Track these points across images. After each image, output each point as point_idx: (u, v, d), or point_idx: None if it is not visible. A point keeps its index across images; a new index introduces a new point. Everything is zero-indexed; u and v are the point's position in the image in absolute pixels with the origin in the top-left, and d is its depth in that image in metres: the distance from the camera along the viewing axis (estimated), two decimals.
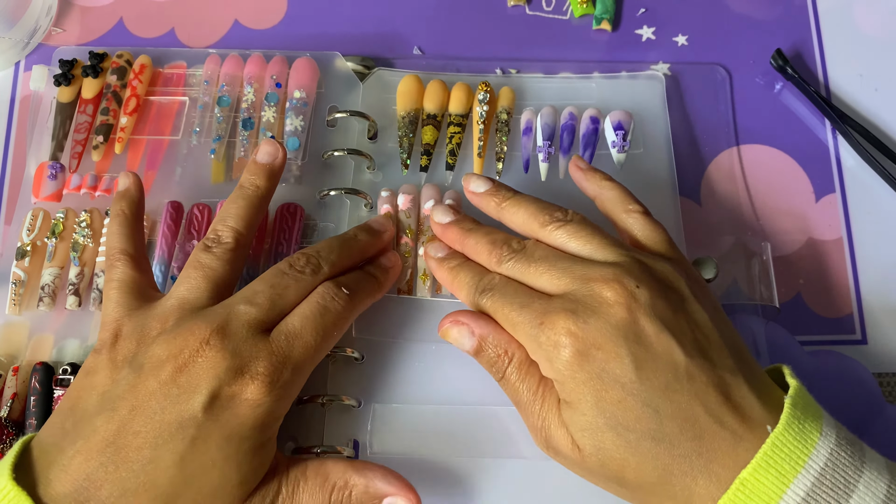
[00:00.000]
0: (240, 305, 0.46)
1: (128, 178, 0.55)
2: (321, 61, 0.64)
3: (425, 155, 0.61)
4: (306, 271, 0.49)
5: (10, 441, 0.53)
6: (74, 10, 0.69)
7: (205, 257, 0.49)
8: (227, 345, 0.44)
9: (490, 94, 0.62)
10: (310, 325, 0.47)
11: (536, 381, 0.47)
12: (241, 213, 0.51)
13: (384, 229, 0.55)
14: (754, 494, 0.40)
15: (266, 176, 0.53)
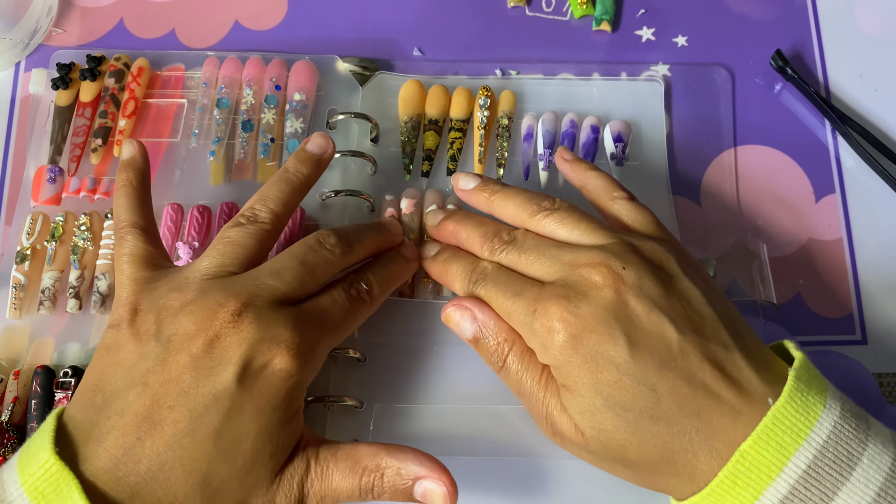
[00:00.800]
0: (268, 279, 0.46)
1: (132, 145, 0.54)
2: (320, 64, 0.64)
3: (427, 160, 0.61)
4: (336, 251, 0.49)
5: (11, 445, 0.53)
6: (75, 10, 0.69)
7: (235, 233, 0.49)
8: (256, 316, 0.44)
9: (491, 98, 0.62)
10: (338, 307, 0.48)
11: (538, 369, 0.47)
12: (282, 196, 0.51)
13: (396, 231, 0.56)
14: (754, 467, 0.40)
15: (313, 165, 0.53)
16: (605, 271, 0.45)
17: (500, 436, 0.54)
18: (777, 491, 0.40)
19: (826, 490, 0.40)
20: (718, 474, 0.41)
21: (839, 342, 0.60)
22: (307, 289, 0.47)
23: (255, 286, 0.45)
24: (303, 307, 0.46)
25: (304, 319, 0.46)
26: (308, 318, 0.46)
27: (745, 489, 0.41)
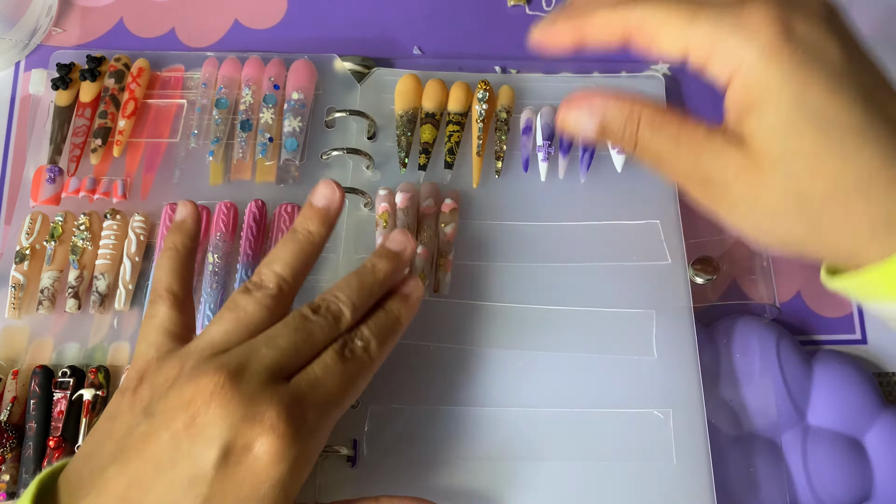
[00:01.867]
0: (261, 349, 0.43)
1: (185, 208, 0.52)
2: (319, 63, 0.64)
3: (424, 153, 0.61)
4: (328, 318, 0.45)
5: (9, 445, 0.53)
6: (75, 10, 0.69)
7: (242, 300, 0.46)
8: (241, 390, 0.40)
9: (489, 92, 0.62)
10: (332, 375, 0.43)
11: (675, 124, 0.41)
12: (289, 258, 0.47)
13: (402, 247, 0.51)
14: None
15: (321, 221, 0.49)
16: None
17: (498, 438, 0.54)
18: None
19: None
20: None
21: (839, 342, 0.60)
22: (303, 357, 0.44)
23: (246, 357, 0.42)
24: (294, 381, 0.42)
25: (295, 394, 0.41)
26: (299, 393, 0.42)
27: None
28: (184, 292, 0.49)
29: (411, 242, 0.51)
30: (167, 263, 0.50)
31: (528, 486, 0.53)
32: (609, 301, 0.57)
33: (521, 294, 0.57)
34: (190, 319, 0.49)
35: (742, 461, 0.55)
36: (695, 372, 0.55)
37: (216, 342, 0.44)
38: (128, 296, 0.57)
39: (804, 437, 0.55)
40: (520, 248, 0.59)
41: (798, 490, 0.54)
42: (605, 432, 0.54)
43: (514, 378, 0.55)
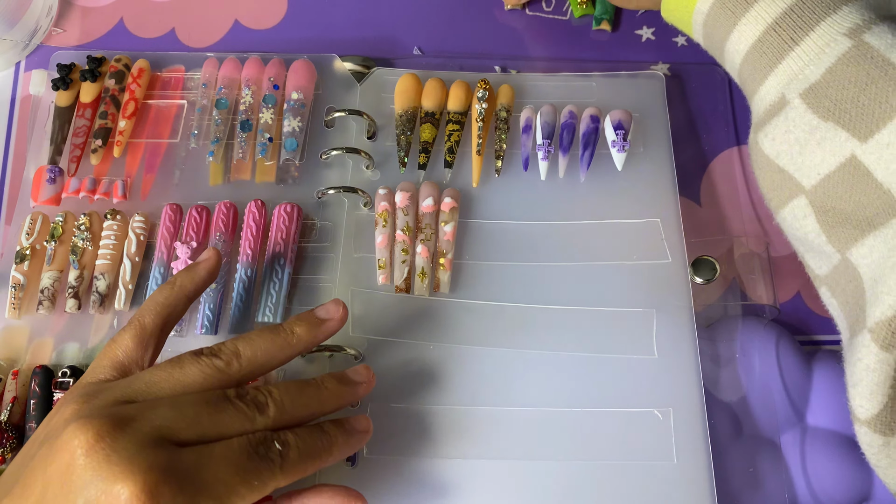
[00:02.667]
0: (162, 406, 0.40)
1: (207, 254, 0.51)
2: (319, 63, 0.64)
3: (423, 153, 0.61)
4: (249, 406, 0.42)
5: (10, 445, 0.53)
6: (75, 10, 0.70)
7: (187, 360, 0.44)
8: (118, 445, 0.38)
9: (489, 91, 0.61)
10: (230, 461, 0.40)
11: None
12: (258, 342, 0.46)
13: (361, 380, 0.49)
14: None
15: (309, 327, 0.48)
16: None
17: (498, 438, 0.54)
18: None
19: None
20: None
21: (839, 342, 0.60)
22: (202, 430, 0.40)
23: (141, 411, 0.40)
24: (183, 452, 0.39)
25: (175, 464, 0.38)
26: (180, 465, 0.38)
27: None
28: (154, 328, 0.47)
29: (371, 380, 0.49)
30: (159, 297, 0.48)
31: (529, 485, 0.53)
32: (609, 300, 0.57)
33: (521, 293, 0.57)
34: (146, 356, 0.47)
35: (742, 461, 0.55)
36: (695, 372, 0.55)
37: (137, 389, 0.42)
38: (128, 296, 0.57)
39: (803, 437, 0.55)
40: (520, 248, 0.59)
41: (797, 490, 0.54)
42: (605, 432, 0.54)
43: (514, 378, 0.55)
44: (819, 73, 0.45)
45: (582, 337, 0.56)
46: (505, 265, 0.58)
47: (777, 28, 0.48)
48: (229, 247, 0.58)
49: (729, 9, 0.50)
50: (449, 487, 0.52)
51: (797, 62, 0.47)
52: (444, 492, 0.52)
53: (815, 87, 0.45)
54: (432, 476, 0.53)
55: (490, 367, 0.55)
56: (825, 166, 0.45)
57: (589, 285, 0.57)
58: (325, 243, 0.59)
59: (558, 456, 0.53)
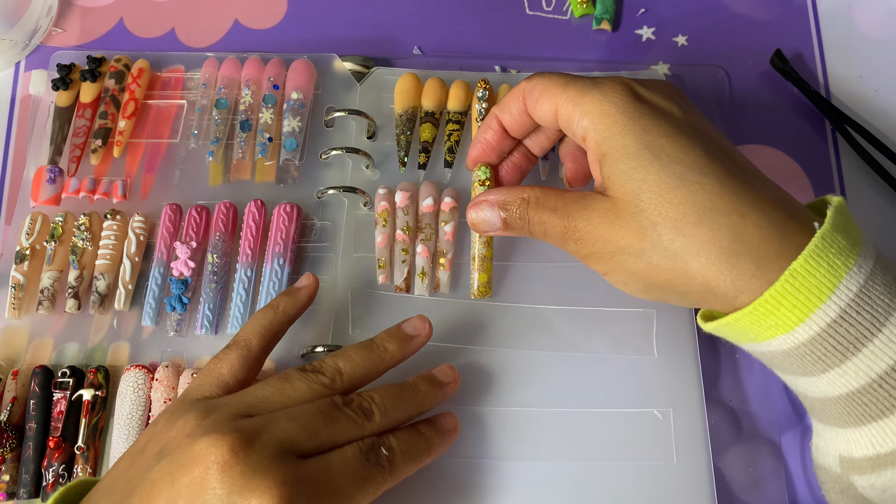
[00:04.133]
0: (282, 420, 0.43)
1: (307, 280, 0.54)
2: (319, 63, 0.64)
3: (423, 152, 0.61)
4: (357, 413, 0.46)
5: (9, 445, 0.53)
6: (75, 10, 0.69)
7: (295, 376, 0.47)
8: (249, 459, 0.40)
9: (489, 91, 0.61)
10: (348, 470, 0.43)
11: (554, 196, 0.46)
12: (355, 359, 0.49)
13: (449, 380, 0.52)
14: (804, 287, 0.40)
15: (400, 344, 0.51)
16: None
17: (498, 438, 0.54)
18: (826, 314, 0.40)
19: (878, 314, 0.40)
20: (764, 294, 0.40)
21: None
22: (320, 440, 0.44)
23: (265, 425, 0.42)
24: (306, 463, 0.42)
25: (302, 476, 0.41)
26: (307, 477, 0.41)
27: (791, 311, 0.40)
28: (259, 350, 0.50)
29: (457, 379, 0.52)
30: (261, 318, 0.51)
31: (529, 485, 0.53)
32: (609, 300, 0.57)
33: (521, 293, 0.57)
34: (250, 377, 0.49)
35: (742, 461, 0.54)
36: (695, 372, 0.55)
37: (250, 403, 0.45)
38: (127, 296, 0.57)
39: (804, 437, 0.55)
40: (519, 247, 0.59)
41: (798, 490, 0.54)
42: (604, 432, 0.54)
43: (514, 377, 0.55)
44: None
45: (582, 337, 0.56)
46: (505, 265, 0.58)
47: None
48: (229, 247, 0.58)
49: (833, 350, 0.41)
50: (449, 487, 0.52)
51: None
52: (444, 491, 0.52)
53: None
54: (433, 476, 0.53)
55: (490, 367, 0.55)
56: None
57: (588, 285, 0.57)
58: (324, 243, 0.59)
59: (558, 456, 0.53)
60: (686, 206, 0.41)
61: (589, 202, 0.45)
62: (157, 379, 0.55)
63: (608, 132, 0.44)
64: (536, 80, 0.48)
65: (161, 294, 0.57)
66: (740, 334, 0.44)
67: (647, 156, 0.43)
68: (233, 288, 0.57)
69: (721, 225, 0.41)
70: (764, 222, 0.41)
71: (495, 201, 0.49)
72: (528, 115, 0.50)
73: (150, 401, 0.54)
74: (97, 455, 0.54)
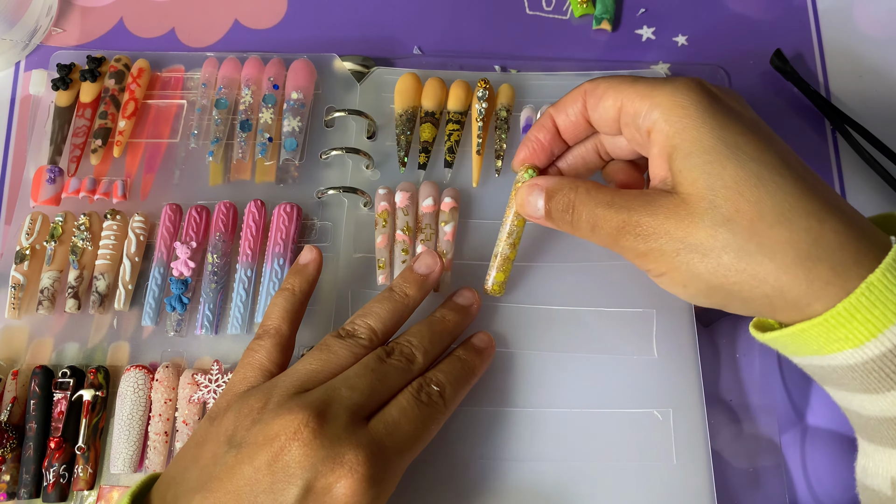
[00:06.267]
0: (342, 389, 0.45)
1: (311, 253, 0.54)
2: (319, 63, 0.64)
3: (423, 152, 0.61)
4: (402, 361, 0.48)
5: (9, 445, 0.53)
6: (74, 10, 0.69)
7: (334, 344, 0.49)
8: (325, 431, 0.43)
9: (489, 91, 0.61)
10: (408, 417, 0.46)
11: (609, 191, 0.45)
12: (383, 314, 0.51)
13: (469, 303, 0.55)
14: (879, 301, 0.38)
15: (418, 286, 0.53)
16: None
17: (497, 438, 0.54)
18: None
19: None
20: (839, 304, 0.38)
21: None
22: (379, 397, 0.46)
23: (329, 397, 0.44)
24: (372, 423, 0.45)
25: (374, 437, 0.44)
26: (378, 436, 0.44)
27: (864, 325, 0.38)
28: (290, 333, 0.51)
29: (477, 300, 0.55)
30: (282, 303, 0.52)
31: (528, 485, 0.53)
32: (609, 301, 0.57)
33: (521, 293, 0.57)
34: (287, 360, 0.51)
35: (742, 461, 0.54)
36: (695, 372, 0.55)
37: (302, 379, 0.47)
38: (127, 296, 0.57)
39: (804, 437, 0.55)
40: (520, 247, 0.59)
41: (798, 490, 0.54)
42: (605, 432, 0.54)
43: (514, 378, 0.55)
44: None
45: (581, 337, 0.56)
46: None
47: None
48: (229, 247, 0.58)
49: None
50: (449, 487, 0.52)
51: None
52: (444, 491, 0.52)
53: None
54: (433, 476, 0.53)
55: (489, 368, 0.55)
56: None
57: (589, 285, 0.57)
58: (325, 243, 0.59)
59: (558, 456, 0.53)
60: (763, 205, 0.40)
61: (652, 198, 0.43)
62: (157, 379, 0.55)
63: (681, 124, 0.42)
64: (601, 79, 0.47)
65: (161, 294, 0.57)
66: (803, 346, 0.42)
67: (724, 151, 0.41)
68: (233, 288, 0.57)
69: (799, 227, 0.39)
70: (842, 229, 0.39)
71: (544, 186, 0.48)
72: (585, 118, 0.49)
73: (151, 401, 0.54)
74: (97, 455, 0.54)
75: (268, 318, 0.51)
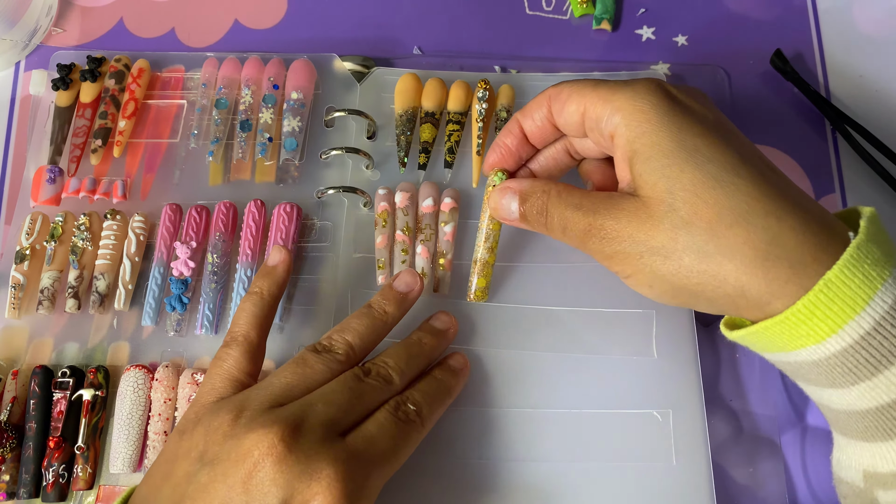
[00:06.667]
0: (317, 405, 0.45)
1: (279, 254, 0.54)
2: (319, 63, 0.64)
3: (423, 153, 0.61)
4: (379, 381, 0.48)
5: (9, 445, 0.53)
6: (74, 10, 0.69)
7: (311, 358, 0.48)
8: (300, 446, 0.42)
9: (489, 91, 0.61)
10: (385, 434, 0.45)
11: (578, 194, 0.46)
12: (361, 331, 0.50)
13: (447, 327, 0.55)
14: (838, 298, 0.39)
15: (397, 304, 0.53)
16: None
17: (497, 439, 0.54)
18: (860, 325, 0.39)
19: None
20: (798, 302, 0.39)
21: None
22: (356, 414, 0.46)
23: (303, 412, 0.44)
24: (349, 438, 0.44)
25: (351, 451, 0.43)
26: (355, 450, 0.43)
27: (824, 321, 0.39)
28: (259, 340, 0.50)
29: (454, 325, 0.55)
30: (250, 308, 0.51)
31: (528, 486, 0.53)
32: (609, 301, 0.57)
33: (521, 294, 0.57)
34: (257, 368, 0.50)
35: (742, 461, 0.54)
36: (695, 372, 0.55)
37: (276, 394, 0.46)
38: (127, 296, 0.57)
39: (804, 437, 0.55)
40: (519, 248, 0.59)
41: (798, 490, 0.54)
42: (605, 433, 0.54)
43: (514, 378, 0.55)
44: None
45: (582, 338, 0.56)
46: (505, 266, 0.58)
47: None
48: (229, 247, 0.58)
49: (865, 363, 0.40)
50: (449, 488, 0.52)
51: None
52: (444, 492, 0.52)
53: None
54: (433, 476, 0.53)
55: (489, 368, 0.55)
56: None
57: (588, 286, 0.57)
58: (324, 243, 0.59)
59: (557, 457, 0.53)
60: (721, 206, 0.40)
61: (617, 201, 0.44)
62: (157, 379, 0.55)
63: (640, 129, 0.43)
64: (564, 84, 0.48)
65: (161, 294, 0.57)
66: (768, 343, 0.43)
67: (682, 154, 0.42)
68: (233, 288, 0.57)
69: (757, 227, 0.40)
70: (801, 227, 0.40)
71: (517, 189, 0.49)
72: (551, 122, 0.49)
73: (150, 401, 0.54)
74: (97, 455, 0.54)
75: (235, 325, 0.50)
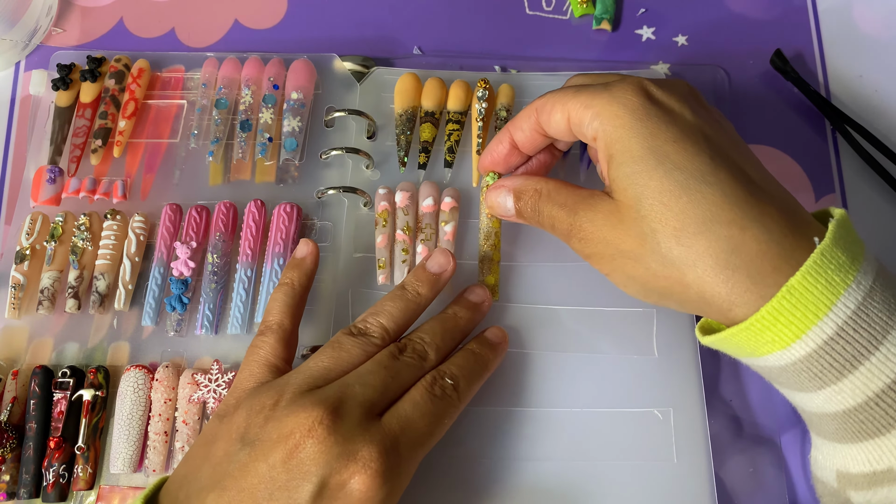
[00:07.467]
0: (355, 386, 0.45)
1: (307, 247, 0.54)
2: (319, 63, 0.64)
3: (423, 152, 0.61)
4: (414, 358, 0.48)
5: (9, 445, 0.53)
6: (74, 10, 0.69)
7: (346, 341, 0.49)
8: (339, 428, 0.43)
9: (489, 91, 0.61)
10: (420, 412, 0.46)
11: (565, 192, 0.47)
12: (395, 313, 0.51)
13: (481, 300, 0.55)
14: (801, 304, 0.39)
15: (430, 285, 0.53)
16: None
17: (498, 438, 0.54)
18: (822, 331, 0.39)
19: (875, 332, 0.40)
20: (761, 309, 0.40)
21: None
22: (392, 393, 0.46)
23: (342, 393, 0.45)
24: (385, 418, 0.45)
25: (388, 433, 0.44)
26: (392, 431, 0.44)
27: (788, 327, 0.40)
28: (292, 327, 0.51)
29: (489, 297, 0.55)
30: (282, 297, 0.52)
31: (528, 485, 0.53)
32: (610, 300, 0.57)
33: (521, 293, 0.57)
34: (292, 354, 0.51)
35: (742, 461, 0.54)
36: (695, 372, 0.55)
37: (315, 377, 0.47)
38: (127, 296, 0.57)
39: (804, 437, 0.55)
40: (519, 247, 0.59)
41: (798, 490, 0.54)
42: (605, 432, 0.54)
43: (514, 377, 0.55)
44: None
45: (582, 337, 0.56)
46: (504, 265, 0.58)
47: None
48: (229, 247, 0.58)
49: (830, 368, 0.41)
50: (449, 487, 0.52)
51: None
52: (444, 491, 0.52)
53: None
54: (433, 477, 0.53)
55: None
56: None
57: (589, 285, 0.57)
58: (325, 243, 0.59)
59: (558, 456, 0.53)
60: (686, 215, 0.41)
61: (595, 202, 0.45)
62: (157, 379, 0.55)
63: (616, 134, 0.44)
64: (548, 94, 0.49)
65: (161, 294, 0.57)
66: (738, 349, 0.43)
67: (652, 161, 0.42)
68: (233, 288, 0.57)
69: (720, 237, 0.40)
70: (763, 236, 0.40)
71: (511, 187, 0.50)
72: (539, 131, 0.50)
73: (151, 401, 0.54)
74: (97, 455, 0.54)
75: (269, 314, 0.51)
